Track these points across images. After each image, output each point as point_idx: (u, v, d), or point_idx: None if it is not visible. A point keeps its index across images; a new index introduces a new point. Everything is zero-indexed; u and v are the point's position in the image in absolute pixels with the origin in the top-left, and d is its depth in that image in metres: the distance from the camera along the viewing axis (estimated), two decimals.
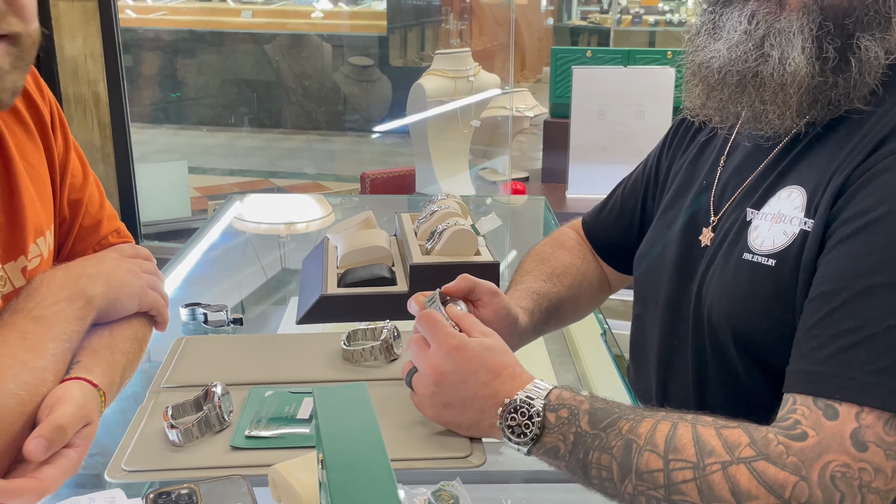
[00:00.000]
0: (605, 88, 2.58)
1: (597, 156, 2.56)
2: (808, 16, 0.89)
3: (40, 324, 0.91)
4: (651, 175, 1.23)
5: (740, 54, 0.92)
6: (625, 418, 0.84)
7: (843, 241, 0.84)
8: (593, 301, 1.32)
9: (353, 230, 1.46)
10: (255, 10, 8.11)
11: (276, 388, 1.06)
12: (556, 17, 10.58)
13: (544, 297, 1.18)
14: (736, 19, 0.93)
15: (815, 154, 0.93)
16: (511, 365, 0.92)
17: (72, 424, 0.85)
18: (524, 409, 0.86)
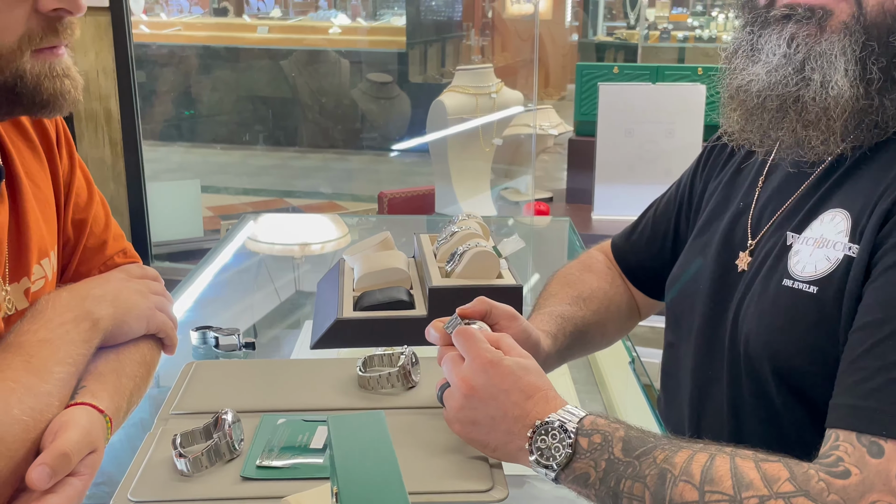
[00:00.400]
0: (633, 106, 2.59)
1: (624, 176, 2.58)
2: (851, 36, 0.89)
3: (45, 346, 0.92)
4: (685, 196, 1.24)
5: (780, 78, 0.93)
6: (660, 448, 0.84)
7: (890, 267, 0.84)
8: (622, 327, 1.31)
9: (370, 251, 1.46)
10: (271, 26, 8.23)
11: (289, 415, 1.06)
12: (581, 32, 10.65)
13: (569, 321, 1.17)
14: (775, 42, 0.93)
15: (860, 176, 0.93)
16: (545, 388, 0.91)
17: (76, 452, 0.85)
18: (555, 431, 0.86)
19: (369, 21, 8.89)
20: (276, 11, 10.35)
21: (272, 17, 9.56)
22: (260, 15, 9.83)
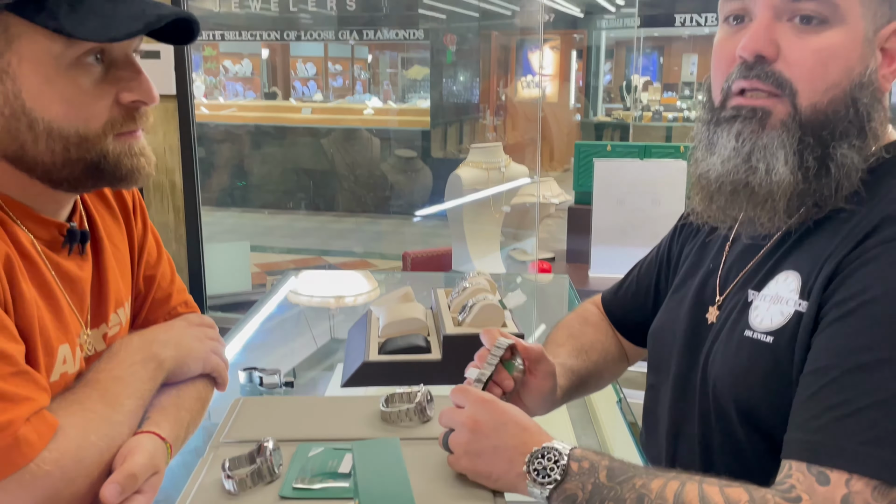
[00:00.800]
0: (624, 179, 2.60)
1: (616, 239, 2.56)
2: (788, 132, 0.91)
3: (118, 383, 0.94)
4: (663, 259, 1.25)
5: (732, 167, 0.94)
6: (639, 476, 0.84)
7: (835, 321, 0.84)
8: (615, 373, 1.32)
9: (394, 303, 1.48)
10: (314, 108, 8.35)
11: (322, 444, 1.05)
12: (584, 113, 10.73)
13: (575, 373, 1.19)
14: (725, 137, 0.94)
15: (810, 243, 0.94)
16: (538, 425, 0.93)
17: (142, 473, 0.87)
18: (550, 455, 0.87)
19: (398, 104, 8.98)
20: (318, 95, 10.51)
21: (315, 101, 9.70)
22: (304, 98, 9.97)
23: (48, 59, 0.83)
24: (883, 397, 0.77)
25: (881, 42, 0.91)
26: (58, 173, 0.89)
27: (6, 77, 0.83)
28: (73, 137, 0.86)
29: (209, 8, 7.67)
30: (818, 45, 0.89)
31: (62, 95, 0.85)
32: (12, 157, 0.87)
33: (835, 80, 0.89)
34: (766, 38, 0.90)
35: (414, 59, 9.71)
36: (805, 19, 0.89)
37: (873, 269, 0.84)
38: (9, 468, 0.76)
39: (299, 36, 9.03)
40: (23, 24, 0.82)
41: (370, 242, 6.64)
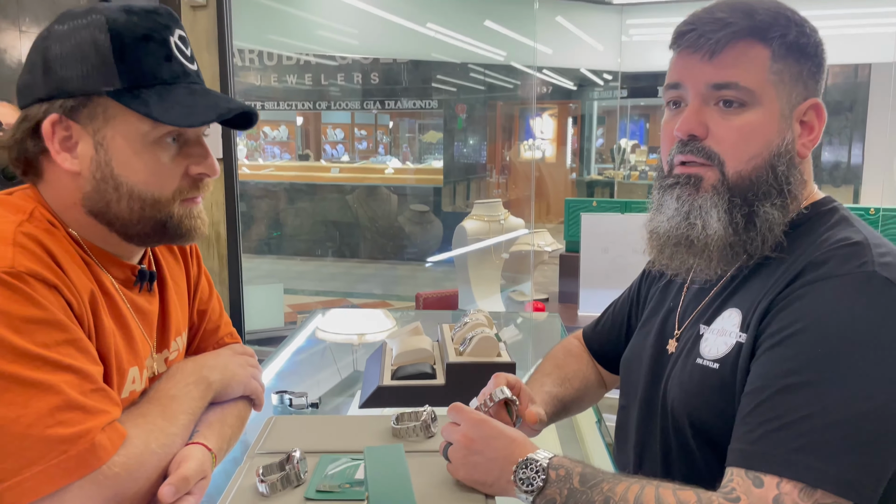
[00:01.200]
0: (608, 230, 2.62)
1: (602, 283, 2.56)
2: (718, 194, 0.94)
3: (174, 401, 0.99)
4: (634, 297, 1.28)
5: (675, 224, 0.97)
6: (606, 481, 0.87)
7: (768, 349, 0.87)
8: (594, 397, 1.33)
9: (405, 336, 1.51)
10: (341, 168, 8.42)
11: (341, 455, 1.09)
12: (578, 172, 10.80)
13: (559, 399, 1.21)
14: (670, 200, 0.98)
15: (749, 285, 0.97)
16: (524, 438, 0.96)
17: (193, 477, 0.91)
18: (533, 465, 0.90)
19: (415, 164, 9.05)
20: (345, 157, 10.60)
21: (342, 161, 9.77)
22: (333, 160, 10.06)
23: (137, 136, 0.90)
24: (806, 413, 0.80)
25: (799, 116, 0.96)
26: (132, 228, 0.95)
27: (101, 148, 0.90)
28: (149, 200, 0.93)
29: (252, 82, 7.86)
30: (739, 124, 0.93)
31: (145, 166, 0.92)
32: (97, 212, 0.93)
33: (755, 151, 0.94)
34: (696, 120, 0.94)
35: (429, 125, 9.81)
36: (727, 103, 0.93)
37: (799, 306, 0.87)
38: (86, 469, 0.81)
39: (329, 105, 9.15)
40: (119, 108, 0.89)
41: (388, 285, 6.65)
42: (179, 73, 0.93)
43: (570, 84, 9.47)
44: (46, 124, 0.89)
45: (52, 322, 0.83)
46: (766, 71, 0.93)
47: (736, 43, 0.93)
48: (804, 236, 0.95)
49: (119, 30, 0.89)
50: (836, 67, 6.90)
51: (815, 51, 0.96)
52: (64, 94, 0.89)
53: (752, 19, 0.93)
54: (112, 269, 0.98)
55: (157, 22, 0.92)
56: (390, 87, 8.11)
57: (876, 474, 0.79)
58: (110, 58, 0.88)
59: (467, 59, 5.77)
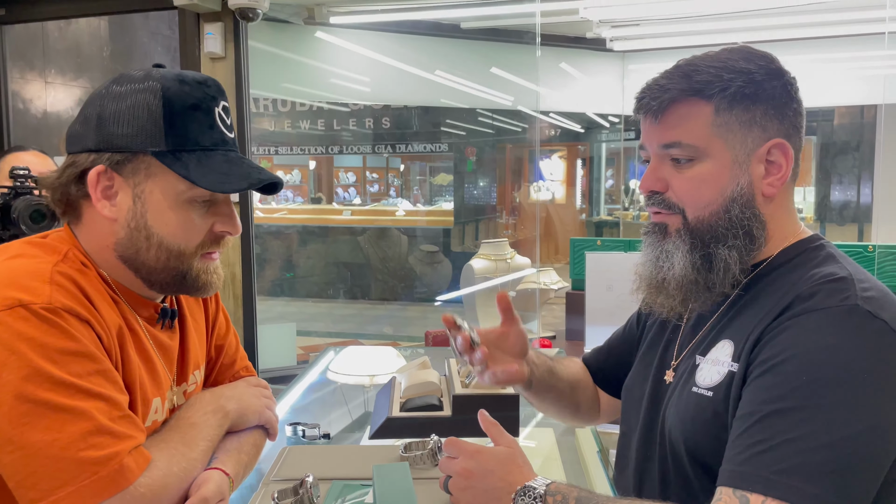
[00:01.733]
0: (612, 268, 2.65)
1: (607, 320, 2.55)
2: (681, 239, 1.02)
3: (194, 428, 1.05)
4: (633, 330, 1.32)
5: (650, 268, 1.06)
6: (600, 503, 0.91)
7: (757, 377, 0.91)
8: (587, 405, 1.35)
9: (413, 370, 1.56)
10: (353, 210, 8.49)
11: (352, 481, 1.13)
12: (588, 213, 10.86)
13: (551, 372, 1.26)
14: (645, 245, 1.08)
15: (742, 317, 1.02)
16: (521, 465, 1.00)
17: (212, 499, 0.97)
18: (530, 492, 0.94)
19: (426, 206, 9.12)
20: (357, 199, 10.70)
21: (354, 204, 9.86)
22: (345, 202, 10.16)
23: (173, 194, 0.99)
24: (791, 436, 0.84)
25: (762, 158, 1.01)
26: (156, 275, 1.02)
27: (139, 200, 0.99)
28: (175, 251, 1.01)
29: (266, 128, 8.03)
30: (690, 176, 1.01)
31: (176, 220, 1.00)
32: (127, 258, 1.01)
33: (710, 199, 1.01)
34: (654, 177, 1.03)
35: (440, 168, 9.92)
36: (676, 161, 1.02)
37: (786, 336, 0.91)
38: (115, 489, 0.87)
39: (341, 150, 9.27)
40: (161, 167, 0.98)
41: (399, 326, 6.64)
42: (219, 140, 1.01)
43: (577, 127, 9.60)
44: (93, 173, 0.98)
45: (84, 354, 0.90)
46: (708, 125, 1.00)
47: (677, 104, 1.01)
48: (793, 271, 1.00)
49: (171, 97, 0.98)
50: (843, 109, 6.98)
51: (772, 93, 1.01)
52: (113, 148, 0.98)
53: (690, 80, 1.00)
54: (137, 306, 1.06)
55: (205, 93, 1.01)
56: (401, 131, 8.25)
57: (855, 495, 0.83)
58: (160, 122, 0.97)
59: (475, 104, 5.91)
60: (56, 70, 4.02)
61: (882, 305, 0.91)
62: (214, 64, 3.12)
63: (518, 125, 7.69)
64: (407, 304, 7.20)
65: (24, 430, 0.86)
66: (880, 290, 0.94)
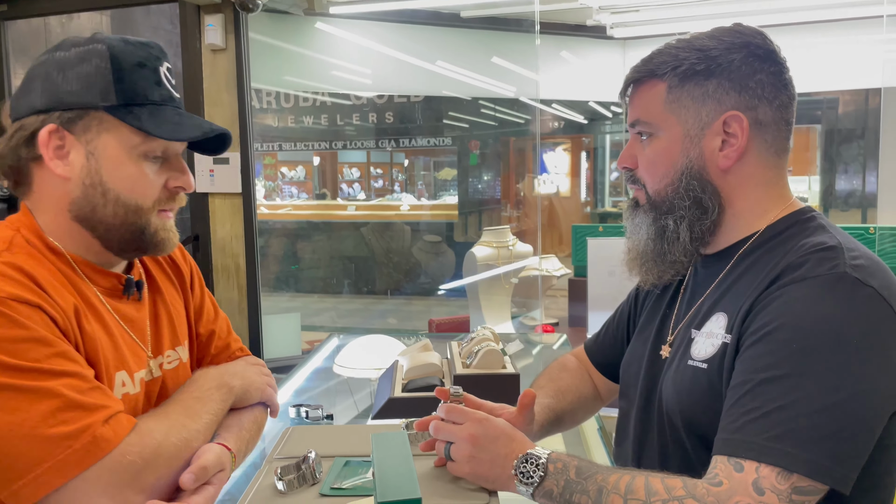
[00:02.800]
0: (613, 254, 2.42)
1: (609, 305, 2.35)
2: (645, 212, 1.10)
3: (198, 402, 1.07)
4: (632, 307, 1.34)
5: (629, 240, 1.15)
6: (600, 473, 0.93)
7: (748, 347, 0.93)
8: (588, 411, 1.38)
9: (415, 353, 1.57)
10: (357, 206, 8.50)
11: (353, 458, 1.15)
12: (593, 205, 10.84)
13: (553, 410, 1.27)
14: (624, 220, 1.16)
15: (735, 290, 1.03)
16: (522, 435, 1.03)
17: (212, 468, 0.98)
18: (533, 459, 0.96)
19: (430, 201, 9.12)
20: (361, 195, 10.68)
21: (358, 199, 9.86)
22: (349, 198, 10.15)
23: (128, 147, 1.01)
24: (783, 403, 0.86)
25: (717, 131, 1.04)
26: (114, 233, 1.03)
27: (92, 157, 1.00)
28: (132, 206, 1.03)
29: (269, 123, 8.04)
30: (648, 151, 1.09)
31: (131, 175, 1.02)
32: (83, 217, 1.02)
33: (663, 172, 1.07)
34: (627, 154, 1.11)
35: (444, 162, 9.90)
36: (641, 135, 1.09)
37: (776, 306, 0.93)
38: (92, 459, 0.88)
39: (345, 145, 9.26)
40: (114, 121, 1.00)
41: (404, 319, 6.65)
42: (167, 97, 1.05)
43: (581, 118, 9.58)
44: (43, 132, 0.99)
45: (37, 339, 0.90)
46: (661, 103, 1.06)
47: (640, 85, 1.08)
48: (784, 243, 1.01)
49: (118, 55, 1.01)
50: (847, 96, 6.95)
51: (728, 67, 1.03)
52: (62, 106, 0.99)
53: (649, 63, 1.08)
54: (97, 278, 1.06)
55: (149, 53, 1.04)
56: (405, 125, 8.25)
57: (848, 460, 0.84)
58: (109, 77, 0.99)
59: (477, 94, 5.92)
60: None
61: (871, 273, 0.92)
62: (215, 56, 3.14)
63: (521, 116, 7.69)
64: (412, 297, 7.16)
65: None
66: (869, 258, 0.95)
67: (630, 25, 4.43)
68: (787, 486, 0.83)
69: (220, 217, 3.13)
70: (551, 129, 9.61)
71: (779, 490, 0.82)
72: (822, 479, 0.83)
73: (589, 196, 11.06)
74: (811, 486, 0.83)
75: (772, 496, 0.82)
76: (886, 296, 0.90)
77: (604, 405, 1.41)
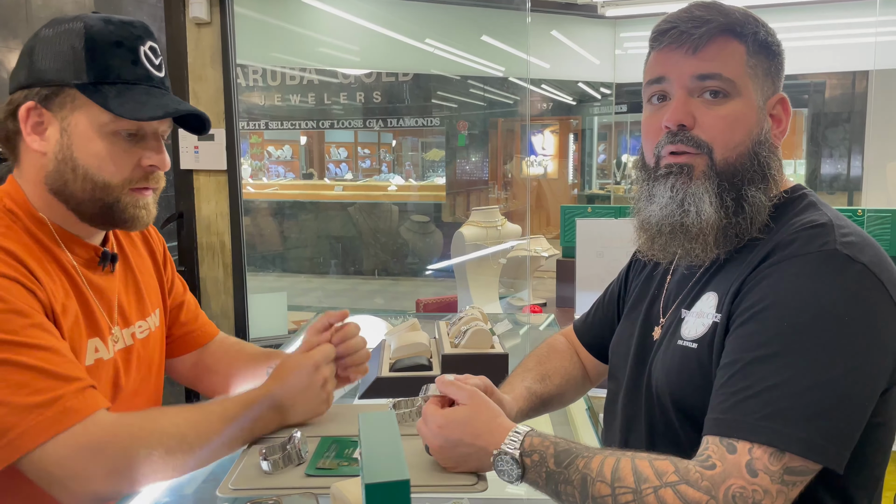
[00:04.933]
0: (602, 234, 2.63)
1: (597, 286, 2.34)
2: (709, 181, 0.98)
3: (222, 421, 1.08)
4: (620, 289, 1.32)
5: (669, 212, 1.00)
6: (581, 456, 0.90)
7: (738, 326, 0.91)
8: (576, 393, 1.36)
9: (403, 332, 1.56)
10: (345, 186, 8.48)
11: (340, 438, 1.14)
12: (580, 187, 10.85)
13: (538, 396, 1.25)
14: (662, 190, 1.01)
15: (725, 270, 1.02)
16: (488, 421, 0.99)
17: None
18: (506, 459, 0.94)
19: (418, 181, 9.10)
20: (348, 175, 10.65)
21: (346, 179, 9.83)
22: (337, 178, 10.11)
23: (96, 125, 1.03)
24: (774, 382, 0.84)
25: (769, 109, 1.02)
26: (84, 207, 1.06)
27: (65, 133, 1.03)
28: (100, 183, 1.05)
29: (255, 102, 7.95)
30: (724, 113, 0.98)
31: (99, 152, 1.04)
32: (56, 190, 1.05)
33: (739, 139, 0.99)
34: (685, 111, 0.99)
35: (432, 143, 9.86)
36: (713, 94, 0.99)
37: (766, 284, 0.91)
38: (60, 427, 0.92)
39: (333, 125, 9.20)
40: (84, 99, 1.02)
41: (392, 300, 6.61)
42: (142, 76, 1.06)
43: (569, 99, 9.56)
44: (23, 109, 1.03)
45: (15, 310, 0.94)
46: (743, 64, 0.99)
47: (716, 38, 0.99)
48: (776, 220, 0.99)
49: (94, 34, 1.03)
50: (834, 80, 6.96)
51: (777, 50, 1.03)
52: (41, 82, 1.03)
53: (729, 17, 0.99)
54: (75, 248, 1.10)
55: (130, 32, 1.05)
56: (393, 105, 8.20)
57: (840, 439, 0.83)
58: (82, 55, 1.02)
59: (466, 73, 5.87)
60: None
61: (861, 249, 0.91)
62: (200, 29, 3.08)
63: (510, 97, 7.66)
64: (399, 277, 7.18)
65: None
66: (860, 234, 0.94)
67: (621, 4, 4.39)
68: (779, 466, 0.82)
69: (206, 194, 3.09)
70: (540, 110, 9.58)
71: (771, 471, 0.81)
72: (815, 458, 0.82)
73: (576, 178, 11.07)
74: (803, 466, 0.82)
75: (764, 477, 0.81)
76: (877, 272, 0.89)
77: (593, 386, 1.39)
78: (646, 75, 1.06)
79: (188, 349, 1.37)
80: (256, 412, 1.10)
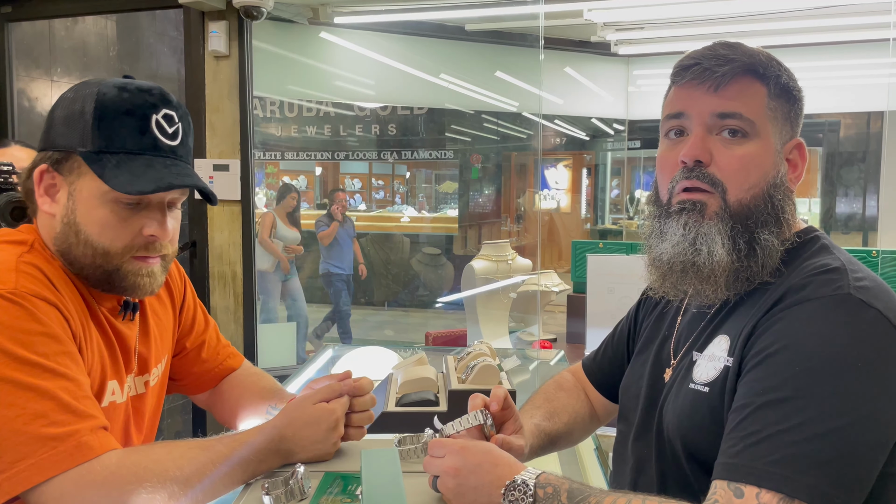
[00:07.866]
0: (613, 271, 2.62)
1: (608, 322, 2.34)
2: (722, 222, 0.98)
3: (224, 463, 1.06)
4: (631, 326, 1.31)
5: (681, 251, 0.99)
6: (594, 496, 0.89)
7: (750, 370, 0.90)
8: (584, 432, 1.34)
9: (410, 366, 1.55)
10: (358, 216, 8.54)
11: (344, 473, 1.11)
12: (593, 222, 10.85)
13: (546, 434, 1.23)
14: (675, 227, 1.00)
15: (738, 312, 1.00)
16: (507, 457, 0.98)
17: None
18: (521, 487, 0.92)
19: (431, 213, 9.15)
20: (362, 206, 10.73)
21: (359, 210, 9.89)
22: (350, 209, 10.18)
23: (98, 193, 1.04)
24: (784, 427, 0.83)
25: (786, 154, 1.02)
26: (86, 272, 1.07)
27: (71, 198, 1.05)
28: (100, 250, 1.05)
29: (272, 132, 8.05)
30: (741, 153, 0.98)
31: (100, 219, 1.05)
32: (62, 252, 1.07)
33: (754, 181, 0.98)
34: (702, 147, 0.99)
35: (446, 175, 9.93)
36: (732, 132, 0.98)
37: (779, 327, 0.90)
38: (72, 463, 0.92)
39: (347, 156, 9.28)
40: (87, 167, 1.03)
41: (402, 331, 6.64)
42: (149, 146, 1.05)
43: (582, 135, 9.60)
44: (37, 172, 1.06)
45: (51, 335, 0.95)
46: (764, 106, 0.99)
47: (739, 77, 0.99)
48: (788, 263, 0.98)
49: (104, 102, 1.03)
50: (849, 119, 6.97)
51: (798, 95, 1.03)
52: (54, 147, 1.05)
53: (753, 58, 1.00)
54: (100, 298, 1.12)
55: (144, 100, 1.05)
56: (407, 137, 8.27)
57: (850, 487, 0.81)
58: (90, 122, 1.03)
59: (480, 108, 5.93)
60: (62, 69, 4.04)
61: (876, 295, 0.90)
62: (219, 62, 3.13)
63: (523, 131, 7.71)
64: (409, 309, 7.18)
65: None
66: (874, 279, 0.93)
67: (635, 43, 4.43)
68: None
69: (219, 224, 3.12)
70: (553, 144, 9.64)
71: None
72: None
73: (589, 213, 11.07)
74: None
75: None
76: (891, 318, 0.88)
77: (601, 425, 1.37)
78: (665, 109, 1.06)
79: (207, 387, 1.37)
80: (263, 456, 1.09)
